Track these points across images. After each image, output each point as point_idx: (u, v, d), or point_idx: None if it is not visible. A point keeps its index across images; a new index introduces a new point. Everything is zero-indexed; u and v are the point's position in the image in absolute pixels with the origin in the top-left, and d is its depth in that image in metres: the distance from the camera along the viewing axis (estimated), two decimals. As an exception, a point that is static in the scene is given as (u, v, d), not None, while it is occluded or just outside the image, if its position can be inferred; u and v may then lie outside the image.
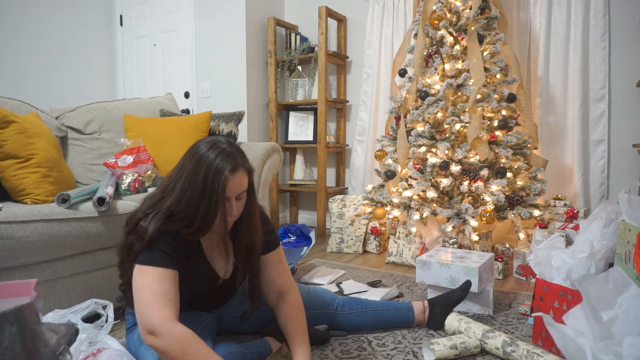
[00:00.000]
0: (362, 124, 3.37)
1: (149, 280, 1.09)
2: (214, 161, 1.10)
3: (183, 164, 1.15)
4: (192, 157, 1.13)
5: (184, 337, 1.03)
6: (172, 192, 1.14)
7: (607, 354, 0.93)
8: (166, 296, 1.08)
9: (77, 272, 1.66)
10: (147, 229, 1.11)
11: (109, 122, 2.34)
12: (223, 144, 1.15)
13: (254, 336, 1.50)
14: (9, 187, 1.71)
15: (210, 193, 1.10)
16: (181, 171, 1.14)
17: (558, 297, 1.37)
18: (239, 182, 1.14)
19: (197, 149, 1.14)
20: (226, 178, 1.10)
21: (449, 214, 2.29)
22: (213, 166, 1.10)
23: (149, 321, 1.04)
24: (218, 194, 1.10)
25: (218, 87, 3.53)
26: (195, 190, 1.11)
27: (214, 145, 1.13)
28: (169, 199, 1.13)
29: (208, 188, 1.10)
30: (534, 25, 2.80)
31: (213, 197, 1.10)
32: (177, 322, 1.06)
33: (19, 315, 0.77)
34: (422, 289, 2.05)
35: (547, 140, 2.80)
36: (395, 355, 1.40)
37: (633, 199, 1.26)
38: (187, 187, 1.11)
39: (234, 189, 1.13)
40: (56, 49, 3.62)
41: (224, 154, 1.12)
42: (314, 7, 3.61)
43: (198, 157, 1.12)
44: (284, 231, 2.36)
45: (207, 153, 1.11)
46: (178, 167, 1.16)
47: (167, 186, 1.15)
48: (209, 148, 1.12)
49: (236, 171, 1.12)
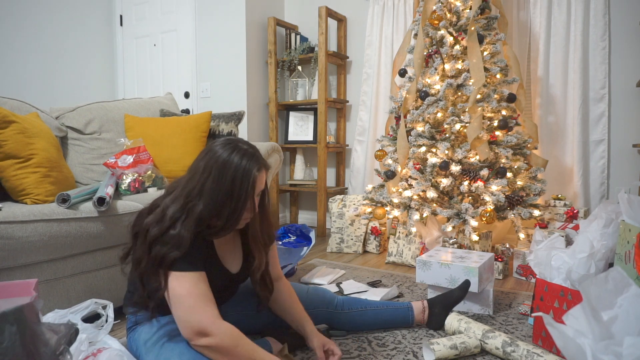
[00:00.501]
0: (362, 124, 3.37)
1: (187, 285, 1.11)
2: (241, 162, 1.14)
3: (205, 167, 1.15)
4: (214, 160, 1.14)
5: (233, 331, 1.11)
6: (200, 196, 1.14)
7: (607, 354, 0.93)
8: (207, 297, 1.13)
9: (77, 272, 1.66)
10: (182, 236, 1.11)
11: (109, 122, 2.34)
12: (243, 144, 1.19)
13: (254, 336, 1.50)
14: (9, 187, 1.71)
15: (240, 193, 1.14)
16: (205, 174, 1.14)
17: (558, 297, 1.37)
18: (263, 180, 1.20)
19: (218, 152, 1.15)
20: (255, 177, 1.15)
21: (449, 214, 2.29)
22: (241, 167, 1.13)
23: (199, 324, 1.09)
24: (248, 193, 1.15)
25: (218, 87, 3.53)
26: (222, 192, 1.13)
27: (236, 147, 1.16)
28: (199, 204, 1.13)
29: (237, 189, 1.13)
30: (534, 25, 2.80)
31: (242, 196, 1.14)
32: (222, 319, 1.12)
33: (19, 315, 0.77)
34: (422, 289, 2.05)
35: (547, 140, 2.80)
36: (395, 355, 1.40)
37: (633, 199, 1.26)
38: (216, 190, 1.13)
39: (259, 188, 1.19)
40: (56, 49, 3.62)
41: (248, 155, 1.16)
42: (314, 7, 3.61)
43: (222, 161, 1.14)
44: (284, 231, 2.36)
45: (232, 156, 1.14)
46: (199, 171, 1.15)
47: (192, 190, 1.15)
48: (232, 150, 1.15)
49: (261, 170, 1.18)
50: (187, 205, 1.14)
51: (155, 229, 1.13)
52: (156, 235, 1.12)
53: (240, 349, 1.09)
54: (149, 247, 1.13)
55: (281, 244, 2.11)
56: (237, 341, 1.10)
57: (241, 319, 1.48)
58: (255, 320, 1.48)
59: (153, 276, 1.13)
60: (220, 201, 1.13)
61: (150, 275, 1.13)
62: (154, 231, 1.13)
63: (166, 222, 1.13)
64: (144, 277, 1.15)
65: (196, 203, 1.14)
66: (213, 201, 1.13)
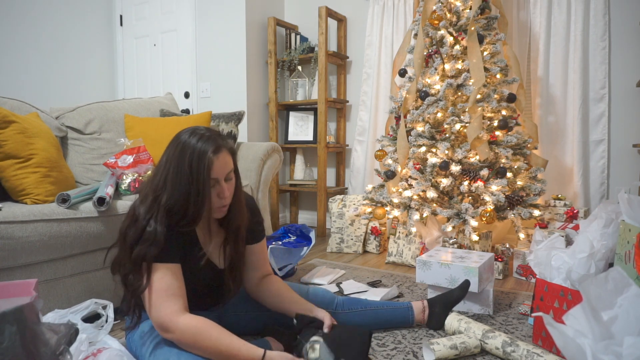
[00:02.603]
0: (362, 124, 3.37)
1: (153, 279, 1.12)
2: (196, 145, 1.13)
3: (167, 157, 1.16)
4: (175, 147, 1.15)
5: (190, 328, 1.09)
6: (165, 187, 1.14)
7: (607, 354, 0.93)
8: (169, 292, 1.12)
9: (77, 272, 1.66)
10: (157, 231, 1.12)
11: (109, 122, 2.34)
12: (201, 130, 1.18)
13: (254, 336, 1.50)
14: (9, 187, 1.71)
15: (197, 177, 1.12)
16: (167, 164, 1.15)
17: (558, 297, 1.37)
18: (224, 161, 1.16)
19: (178, 138, 1.16)
20: (210, 159, 1.12)
21: (449, 214, 2.29)
22: (196, 150, 1.12)
23: (158, 320, 1.10)
24: (204, 176, 1.12)
25: (218, 87, 3.53)
26: (184, 179, 1.12)
27: (194, 132, 1.16)
28: (164, 195, 1.14)
29: (194, 173, 1.12)
30: (534, 25, 2.81)
31: (200, 180, 1.12)
32: (184, 313, 1.11)
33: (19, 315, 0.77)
34: (422, 289, 2.05)
35: (547, 140, 2.80)
36: (395, 355, 1.40)
37: (633, 199, 1.26)
38: (176, 178, 1.13)
39: (220, 170, 1.16)
40: (56, 49, 3.62)
41: (204, 138, 1.14)
42: (314, 7, 3.61)
43: (181, 146, 1.14)
44: (284, 231, 2.36)
45: (189, 140, 1.14)
46: (163, 162, 1.17)
47: (158, 183, 1.15)
48: (190, 135, 1.15)
49: (219, 151, 1.15)
50: (156, 200, 1.14)
51: (131, 231, 1.13)
52: (135, 237, 1.13)
53: (201, 343, 1.08)
54: (130, 250, 1.13)
55: (281, 244, 2.11)
56: (196, 337, 1.08)
57: (241, 319, 1.48)
58: (255, 320, 1.48)
59: (136, 276, 1.13)
60: (183, 189, 1.13)
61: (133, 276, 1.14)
62: (131, 233, 1.13)
63: (140, 222, 1.13)
64: (126, 279, 1.15)
65: (162, 195, 1.14)
66: (176, 190, 1.13)
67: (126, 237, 1.15)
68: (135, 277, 1.13)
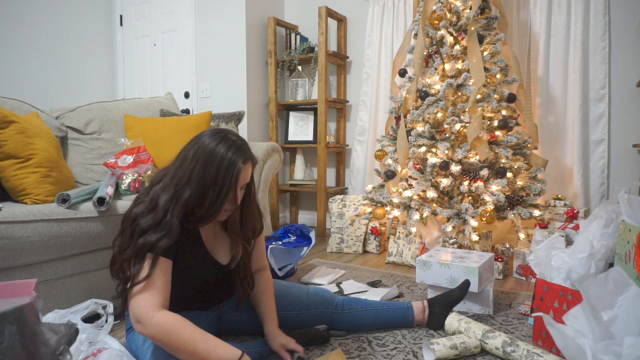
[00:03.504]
0: (362, 124, 3.37)
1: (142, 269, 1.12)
2: (227, 153, 1.15)
3: (193, 155, 1.16)
4: (202, 149, 1.16)
5: (164, 325, 1.06)
6: (188, 183, 1.15)
7: (607, 354, 0.93)
8: (154, 285, 1.11)
9: (77, 272, 1.66)
10: (173, 223, 1.13)
11: (109, 122, 2.34)
12: (232, 135, 1.20)
13: (254, 336, 1.50)
14: (9, 187, 1.71)
15: (223, 184, 1.15)
16: (192, 163, 1.16)
17: (558, 297, 1.37)
18: (247, 173, 1.21)
19: (206, 142, 1.17)
20: (239, 169, 1.16)
21: (449, 214, 2.29)
22: (227, 158, 1.15)
23: (135, 310, 1.08)
24: (231, 184, 1.16)
25: (218, 87, 3.53)
26: (209, 181, 1.14)
27: (225, 137, 1.18)
28: (187, 191, 1.15)
29: (221, 179, 1.14)
30: (534, 25, 2.80)
31: (225, 187, 1.15)
32: (161, 310, 1.09)
33: (19, 315, 0.77)
34: (422, 289, 2.05)
35: (547, 140, 2.80)
36: (395, 355, 1.40)
37: (633, 199, 1.26)
38: (202, 178, 1.14)
39: (243, 180, 1.20)
40: (56, 49, 3.62)
41: (235, 146, 1.17)
42: (314, 7, 3.61)
43: (210, 150, 1.15)
44: (284, 231, 2.36)
45: (219, 146, 1.16)
46: (188, 159, 1.17)
47: (182, 177, 1.16)
48: (220, 141, 1.17)
49: (247, 163, 1.19)
50: (177, 193, 1.16)
51: (148, 219, 1.13)
52: (149, 224, 1.13)
53: (174, 342, 1.06)
54: (138, 235, 1.13)
55: (281, 244, 2.11)
56: (169, 334, 1.06)
57: (241, 320, 1.48)
58: (255, 320, 1.48)
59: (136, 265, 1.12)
60: (204, 189, 1.15)
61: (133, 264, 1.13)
62: (148, 221, 1.13)
63: (159, 211, 1.14)
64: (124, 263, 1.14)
65: (184, 190, 1.15)
66: (199, 188, 1.15)
67: (139, 221, 1.14)
68: (135, 267, 1.12)
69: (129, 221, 1.16)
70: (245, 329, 1.50)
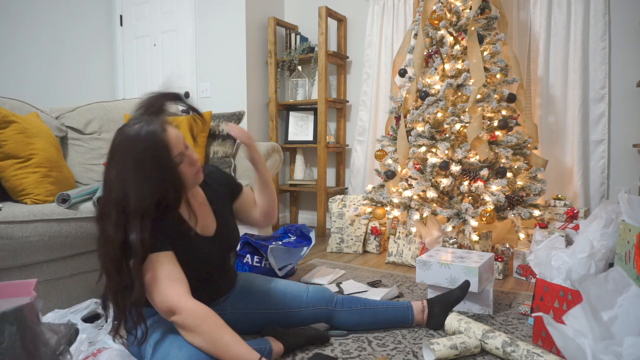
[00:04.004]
0: (362, 124, 3.37)
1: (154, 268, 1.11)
2: (140, 133, 1.06)
3: (118, 165, 1.08)
4: (122, 150, 1.08)
5: (198, 310, 1.09)
6: (126, 195, 1.05)
7: (607, 354, 0.93)
8: (174, 277, 1.12)
9: (77, 272, 1.66)
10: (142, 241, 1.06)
11: (109, 122, 2.34)
12: (134, 116, 1.12)
13: (254, 336, 1.50)
14: (9, 187, 1.71)
15: (161, 163, 1.07)
16: (122, 173, 1.07)
17: (558, 297, 1.37)
18: (176, 134, 1.12)
19: (119, 138, 1.09)
20: (163, 140, 1.07)
21: (449, 214, 2.29)
22: (145, 139, 1.05)
23: (166, 302, 1.09)
24: (168, 158, 1.08)
25: (218, 87, 3.53)
26: (148, 171, 1.06)
27: (127, 123, 1.10)
28: (130, 202, 1.05)
29: (156, 160, 1.06)
30: (534, 25, 2.80)
31: (167, 165, 1.08)
32: (190, 297, 1.11)
33: (19, 315, 0.77)
34: (422, 289, 2.05)
35: (547, 140, 2.80)
36: (395, 355, 1.40)
37: (633, 199, 1.27)
38: (138, 176, 1.05)
39: (177, 143, 1.11)
40: (56, 49, 3.62)
41: (142, 121, 1.08)
42: (314, 7, 3.61)
43: (126, 144, 1.07)
44: (284, 231, 2.36)
45: (130, 132, 1.07)
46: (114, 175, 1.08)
47: (117, 197, 1.06)
48: (127, 128, 1.08)
49: (165, 128, 1.10)
50: (123, 211, 1.06)
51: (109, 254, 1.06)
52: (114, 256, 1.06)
53: (204, 328, 1.08)
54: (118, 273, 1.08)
55: (281, 244, 2.11)
56: (202, 320, 1.08)
57: (240, 318, 1.48)
58: (255, 319, 1.48)
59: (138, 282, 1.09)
60: (152, 181, 1.06)
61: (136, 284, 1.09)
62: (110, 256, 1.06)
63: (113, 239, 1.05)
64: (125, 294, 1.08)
65: (126, 203, 1.05)
66: (145, 187, 1.06)
67: (108, 265, 1.07)
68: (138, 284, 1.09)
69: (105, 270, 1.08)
70: (245, 328, 1.50)
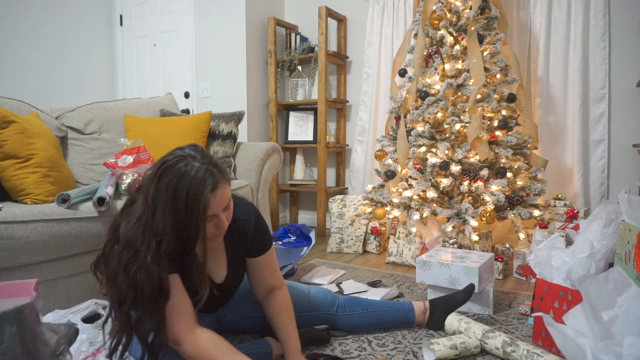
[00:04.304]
0: (362, 124, 3.37)
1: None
2: (191, 185, 1.02)
3: (159, 195, 1.04)
4: (166, 186, 1.03)
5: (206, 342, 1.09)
6: (165, 232, 1.05)
7: (607, 354, 0.93)
8: (181, 306, 1.11)
9: (77, 272, 1.66)
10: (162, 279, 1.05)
11: (109, 122, 2.34)
12: (194, 160, 1.06)
13: (254, 336, 1.50)
14: (9, 187, 1.71)
15: (192, 219, 1.04)
16: (163, 205, 1.04)
17: (558, 297, 1.37)
18: (222, 196, 1.08)
19: (169, 174, 1.04)
20: (207, 200, 1.04)
21: (449, 214, 2.29)
22: (192, 191, 1.02)
23: (173, 336, 1.09)
24: (199, 219, 1.05)
25: (218, 87, 3.53)
26: (181, 221, 1.05)
27: (187, 165, 1.04)
28: (164, 241, 1.06)
29: (189, 214, 1.04)
30: (534, 25, 2.81)
31: (194, 222, 1.05)
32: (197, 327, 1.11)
33: (19, 315, 0.77)
34: (422, 289, 2.05)
35: (547, 140, 2.80)
36: (395, 355, 1.40)
37: (633, 199, 1.27)
38: (174, 220, 1.04)
39: (218, 206, 1.08)
40: (56, 49, 3.62)
41: (200, 172, 1.04)
42: (314, 7, 3.61)
43: (173, 185, 1.03)
44: (284, 231, 2.36)
45: (182, 177, 1.03)
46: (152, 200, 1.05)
47: (157, 227, 1.05)
48: (182, 171, 1.04)
49: (217, 188, 1.06)
50: (159, 246, 1.06)
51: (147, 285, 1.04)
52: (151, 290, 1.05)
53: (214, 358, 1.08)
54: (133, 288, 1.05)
55: (281, 244, 2.11)
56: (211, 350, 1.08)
57: (241, 320, 1.48)
58: (255, 320, 1.48)
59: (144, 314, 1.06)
60: (179, 229, 1.06)
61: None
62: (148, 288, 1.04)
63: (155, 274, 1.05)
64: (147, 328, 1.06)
65: (163, 240, 1.05)
66: (174, 232, 1.06)
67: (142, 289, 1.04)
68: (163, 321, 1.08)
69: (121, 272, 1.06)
70: (244, 329, 1.50)
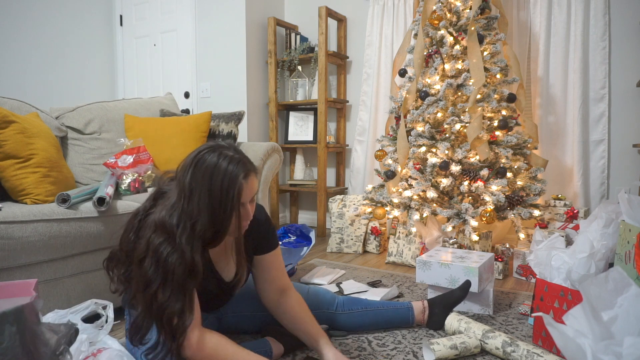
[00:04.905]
0: (362, 124, 3.37)
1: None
2: (227, 170, 1.09)
3: (196, 180, 1.09)
4: (203, 171, 1.09)
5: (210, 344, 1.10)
6: (200, 214, 1.09)
7: (607, 354, 0.93)
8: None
9: (77, 272, 1.66)
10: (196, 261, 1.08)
11: (109, 122, 2.34)
12: (229, 151, 1.13)
13: (254, 336, 1.50)
14: (9, 187, 1.71)
15: (227, 202, 1.09)
16: (199, 189, 1.09)
17: (558, 297, 1.37)
18: (252, 185, 1.14)
19: (205, 161, 1.10)
20: (241, 185, 1.10)
21: (449, 214, 2.28)
22: (227, 175, 1.08)
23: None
24: (234, 202, 1.10)
25: (218, 87, 3.53)
26: (215, 204, 1.09)
27: (221, 153, 1.11)
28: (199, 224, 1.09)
29: (224, 198, 1.09)
30: (534, 25, 2.81)
31: (229, 206, 1.09)
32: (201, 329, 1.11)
33: (19, 315, 0.77)
34: (422, 289, 2.05)
35: (547, 140, 2.80)
36: (395, 355, 1.40)
37: (633, 199, 1.27)
38: (209, 203, 1.09)
39: (248, 194, 1.14)
40: (56, 49, 3.62)
41: (234, 161, 1.10)
42: (314, 7, 3.61)
43: (210, 170, 1.08)
44: (284, 231, 2.36)
45: (218, 163, 1.09)
46: (190, 185, 1.09)
47: (192, 211, 1.09)
48: (218, 158, 1.10)
49: (249, 176, 1.12)
50: (193, 228, 1.09)
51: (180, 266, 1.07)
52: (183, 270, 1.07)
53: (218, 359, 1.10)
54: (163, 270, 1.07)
55: (281, 244, 2.11)
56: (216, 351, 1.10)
57: (241, 320, 1.48)
58: (255, 320, 1.49)
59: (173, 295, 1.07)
60: (212, 213, 1.09)
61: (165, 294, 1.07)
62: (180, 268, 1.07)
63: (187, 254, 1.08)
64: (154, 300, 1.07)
65: (197, 224, 1.09)
66: (208, 215, 1.09)
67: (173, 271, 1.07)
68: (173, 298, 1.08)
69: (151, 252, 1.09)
70: (244, 329, 1.50)
